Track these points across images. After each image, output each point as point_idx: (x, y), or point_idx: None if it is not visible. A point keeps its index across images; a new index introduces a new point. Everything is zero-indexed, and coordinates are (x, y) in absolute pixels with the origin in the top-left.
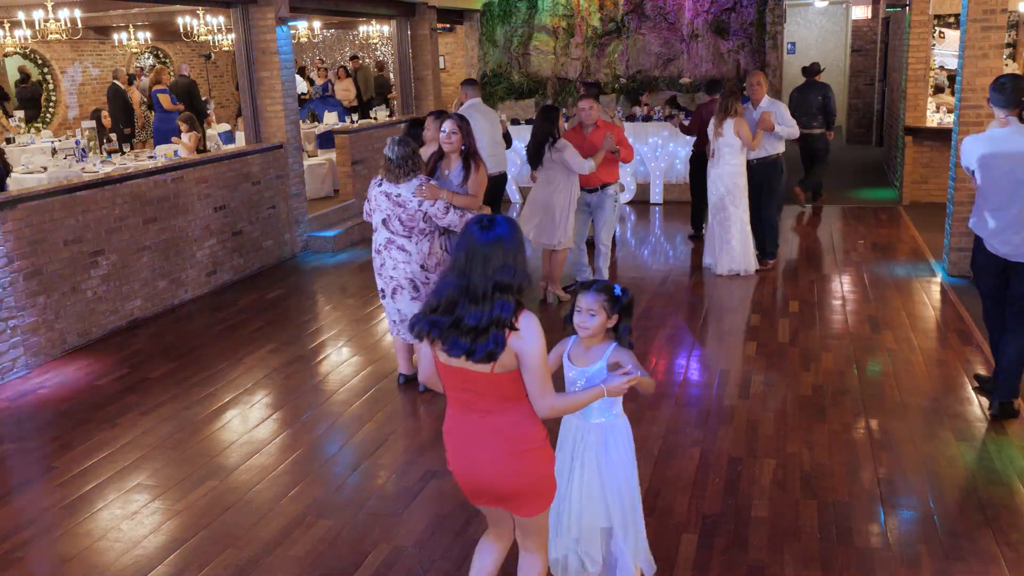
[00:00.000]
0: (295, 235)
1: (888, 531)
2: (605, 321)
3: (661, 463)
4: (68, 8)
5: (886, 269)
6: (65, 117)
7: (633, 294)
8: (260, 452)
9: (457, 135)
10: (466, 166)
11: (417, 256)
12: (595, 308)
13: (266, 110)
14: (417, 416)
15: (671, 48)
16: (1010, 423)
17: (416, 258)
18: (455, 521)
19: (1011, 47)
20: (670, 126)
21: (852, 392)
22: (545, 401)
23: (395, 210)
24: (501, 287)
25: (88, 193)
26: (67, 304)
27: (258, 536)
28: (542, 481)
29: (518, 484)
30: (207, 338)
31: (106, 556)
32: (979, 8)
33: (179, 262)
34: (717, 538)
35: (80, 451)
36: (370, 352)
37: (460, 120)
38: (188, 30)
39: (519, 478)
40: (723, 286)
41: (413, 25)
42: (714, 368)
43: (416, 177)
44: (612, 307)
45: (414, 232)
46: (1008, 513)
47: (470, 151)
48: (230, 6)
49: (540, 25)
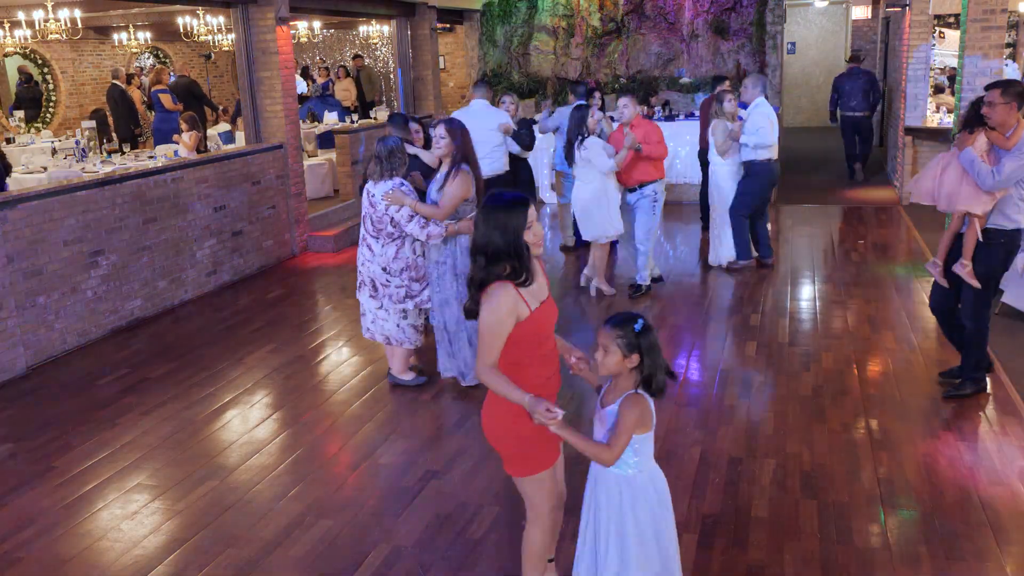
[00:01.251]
0: (295, 235)
1: (888, 531)
2: (622, 360)
3: (661, 463)
4: (68, 8)
5: (886, 269)
6: (65, 117)
7: (653, 329)
8: (260, 452)
9: (445, 140)
10: (448, 173)
11: (380, 258)
12: (609, 345)
13: (266, 110)
14: (417, 416)
15: (671, 48)
16: (1010, 423)
17: (379, 259)
18: (455, 521)
19: (1011, 47)
20: (670, 126)
21: (852, 392)
22: (480, 365)
23: (369, 210)
24: (476, 251)
25: (88, 193)
26: (67, 304)
27: (258, 536)
28: (514, 446)
29: (491, 438)
30: (207, 338)
31: (106, 556)
32: (979, 8)
33: (179, 262)
34: (717, 538)
35: (80, 451)
36: (370, 352)
37: (451, 125)
38: (188, 30)
39: (490, 433)
40: (723, 286)
41: (413, 25)
42: (714, 368)
43: (392, 180)
44: (627, 345)
45: (381, 234)
46: (1008, 513)
47: (462, 157)
48: (230, 6)
49: (540, 25)
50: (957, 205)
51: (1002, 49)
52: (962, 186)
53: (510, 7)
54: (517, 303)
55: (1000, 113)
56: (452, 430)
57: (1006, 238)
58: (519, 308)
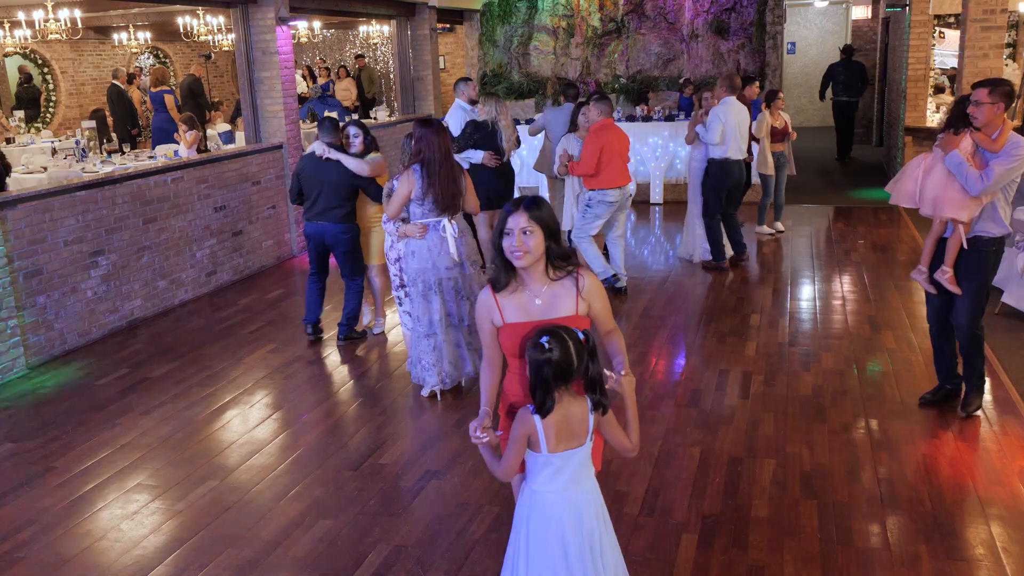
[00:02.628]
0: (295, 235)
1: (888, 531)
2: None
3: (661, 463)
4: (68, 8)
5: (886, 269)
6: (65, 117)
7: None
8: (260, 452)
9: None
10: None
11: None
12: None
13: (266, 110)
14: (417, 416)
15: (671, 48)
16: (1010, 423)
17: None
18: (455, 521)
19: (1011, 47)
20: (670, 126)
21: (852, 392)
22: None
23: None
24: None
25: (88, 193)
26: (67, 304)
27: (258, 536)
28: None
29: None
30: (207, 338)
31: (106, 556)
32: (979, 8)
33: (179, 262)
34: (717, 538)
35: (80, 451)
36: (370, 352)
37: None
38: (188, 30)
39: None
40: (723, 286)
41: (413, 25)
42: (714, 368)
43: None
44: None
45: None
46: (1008, 513)
47: (418, 159)
48: (230, 6)
49: (540, 25)
50: (943, 211)
51: (1002, 49)
52: (947, 191)
53: (510, 7)
54: (491, 309)
55: (986, 113)
56: (452, 430)
57: (996, 245)
58: (492, 314)
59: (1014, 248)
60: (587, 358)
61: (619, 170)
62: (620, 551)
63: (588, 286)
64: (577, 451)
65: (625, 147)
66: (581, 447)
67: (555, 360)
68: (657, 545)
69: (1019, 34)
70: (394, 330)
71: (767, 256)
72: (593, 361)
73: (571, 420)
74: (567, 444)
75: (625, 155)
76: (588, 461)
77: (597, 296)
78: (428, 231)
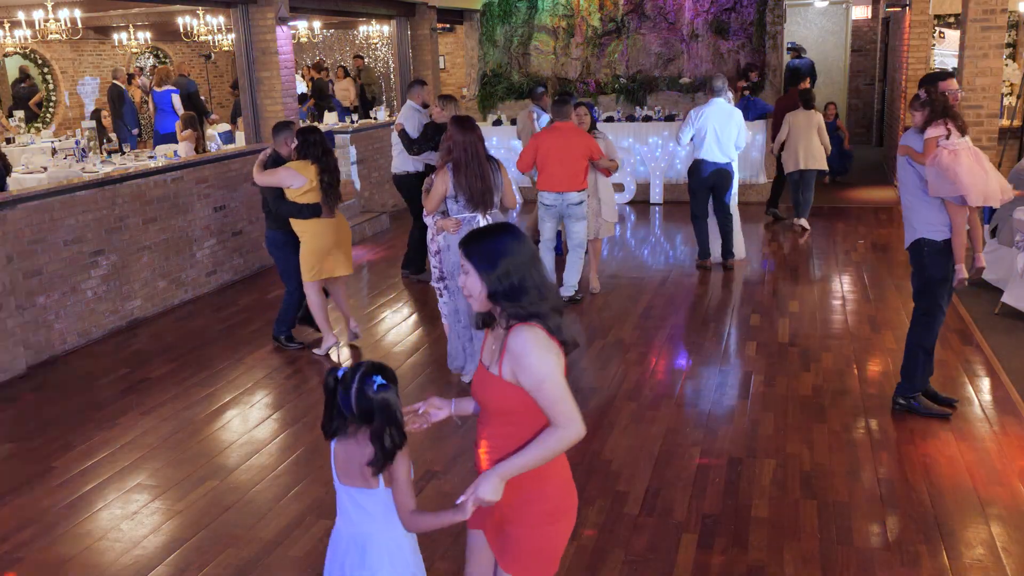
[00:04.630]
0: None
1: (888, 531)
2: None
3: (661, 463)
4: (68, 8)
5: (886, 269)
6: (65, 117)
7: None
8: (260, 452)
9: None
10: None
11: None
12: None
13: (266, 110)
14: None
15: (671, 48)
16: (1010, 423)
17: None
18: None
19: (1011, 47)
20: (670, 126)
21: (852, 392)
22: None
23: None
24: None
25: (88, 193)
26: (67, 304)
27: (258, 536)
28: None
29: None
30: (207, 338)
31: (106, 556)
32: (979, 8)
33: (179, 262)
34: (717, 538)
35: (80, 451)
36: (370, 352)
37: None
38: (188, 30)
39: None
40: (723, 286)
41: (413, 25)
42: (714, 368)
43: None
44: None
45: None
46: (1008, 513)
47: (449, 158)
48: (230, 6)
49: (540, 25)
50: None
51: (1002, 49)
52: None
53: (510, 7)
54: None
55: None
56: (452, 430)
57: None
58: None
59: (1014, 248)
60: (380, 415)
61: (555, 176)
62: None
63: (513, 346)
64: (354, 491)
65: (571, 155)
66: (365, 489)
67: (333, 389)
68: (657, 545)
69: (1019, 34)
70: (394, 330)
71: (768, 256)
72: (389, 422)
73: (351, 460)
74: (346, 480)
75: (570, 162)
76: (374, 510)
77: (522, 367)
78: (462, 226)
